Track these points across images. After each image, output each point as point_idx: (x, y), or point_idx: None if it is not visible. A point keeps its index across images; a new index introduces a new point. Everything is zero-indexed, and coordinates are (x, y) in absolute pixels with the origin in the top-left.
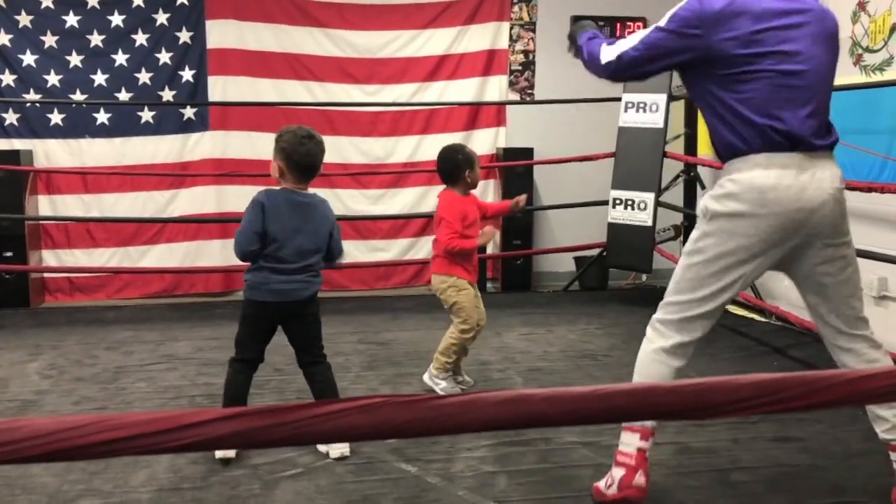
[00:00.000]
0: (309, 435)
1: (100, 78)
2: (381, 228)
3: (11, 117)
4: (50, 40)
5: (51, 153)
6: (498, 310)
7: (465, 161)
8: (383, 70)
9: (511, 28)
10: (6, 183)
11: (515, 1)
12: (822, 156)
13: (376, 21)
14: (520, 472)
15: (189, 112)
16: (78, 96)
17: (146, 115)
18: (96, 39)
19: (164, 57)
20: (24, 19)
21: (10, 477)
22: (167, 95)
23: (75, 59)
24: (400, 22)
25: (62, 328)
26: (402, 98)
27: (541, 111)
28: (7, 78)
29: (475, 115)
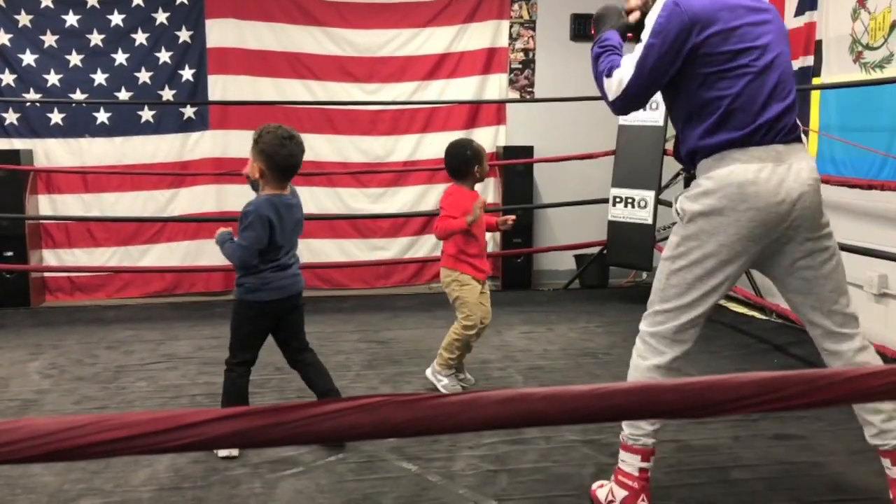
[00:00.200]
0: (309, 434)
1: (100, 77)
2: (381, 227)
3: (11, 117)
4: (50, 40)
5: (51, 153)
6: (498, 308)
7: (474, 156)
8: (383, 69)
9: (511, 26)
10: (6, 182)
11: None
12: (798, 147)
13: (376, 20)
14: (520, 471)
15: (189, 111)
16: (78, 96)
17: (146, 115)
18: (96, 39)
19: (164, 56)
20: (24, 19)
21: (11, 476)
22: (167, 95)
23: (75, 59)
24: (400, 20)
25: (63, 327)
26: (402, 97)
27: (541, 109)
28: (7, 77)
29: (475, 114)
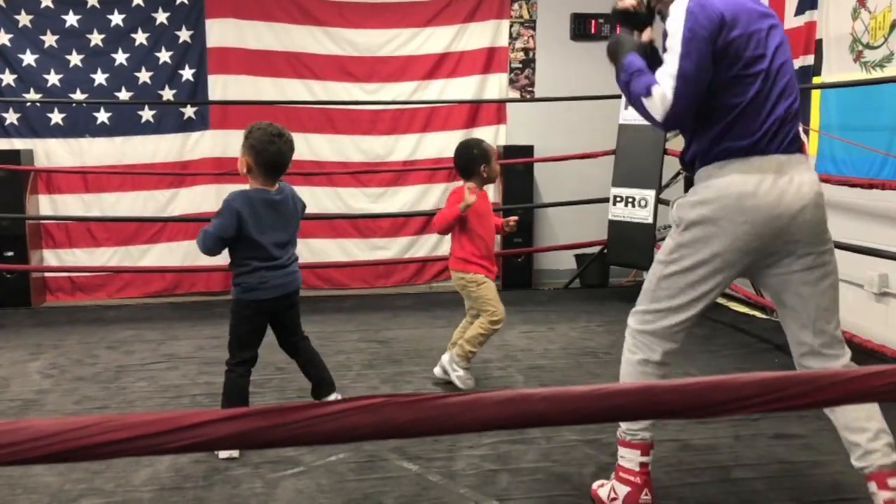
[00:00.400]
0: (311, 435)
1: (100, 77)
2: (382, 227)
3: (12, 117)
4: (50, 40)
5: (51, 153)
6: None
7: (481, 156)
8: (383, 68)
9: (511, 26)
10: (7, 182)
11: None
12: (800, 159)
13: (376, 19)
14: (521, 470)
15: (189, 111)
16: (78, 96)
17: (146, 115)
18: (96, 39)
19: (164, 56)
20: (24, 19)
21: (13, 477)
22: (167, 94)
23: (75, 59)
24: (400, 20)
25: (63, 327)
26: (402, 96)
27: (541, 109)
28: (7, 77)
29: (475, 113)
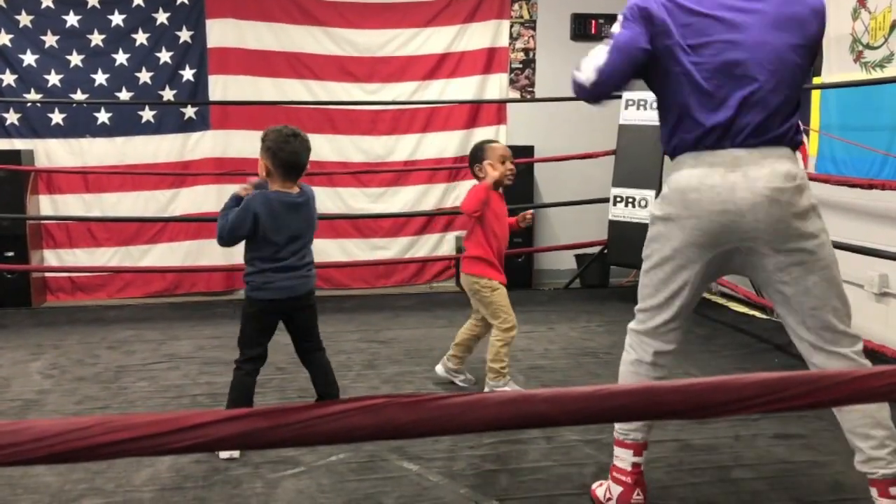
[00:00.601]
0: (312, 436)
1: (100, 77)
2: (382, 227)
3: (12, 117)
4: (50, 40)
5: (52, 153)
6: None
7: (472, 155)
8: (383, 68)
9: (511, 26)
10: (7, 183)
11: None
12: (763, 153)
13: (376, 19)
14: (521, 471)
15: (190, 111)
16: (79, 96)
17: (147, 115)
18: (97, 39)
19: (165, 56)
20: (25, 19)
21: (13, 477)
22: (168, 95)
23: (76, 59)
24: (400, 20)
25: (63, 328)
26: (403, 96)
27: (541, 109)
28: (8, 78)
29: (476, 114)
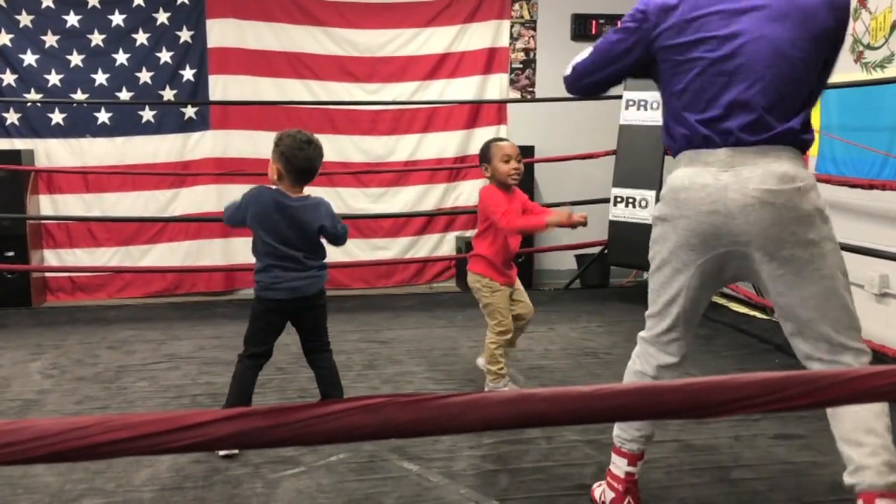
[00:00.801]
0: (312, 435)
1: (101, 77)
2: (382, 227)
3: (12, 117)
4: (51, 40)
5: (52, 153)
6: None
7: (481, 155)
8: (384, 68)
9: (512, 26)
10: (7, 182)
11: None
12: (759, 152)
13: (377, 19)
14: (521, 471)
15: (190, 111)
16: (79, 96)
17: (147, 115)
18: (97, 39)
19: (165, 56)
20: (25, 19)
21: (13, 477)
22: (168, 95)
23: (76, 59)
24: (400, 20)
25: (64, 327)
26: (403, 96)
27: (542, 109)
28: (8, 77)
29: (476, 114)
